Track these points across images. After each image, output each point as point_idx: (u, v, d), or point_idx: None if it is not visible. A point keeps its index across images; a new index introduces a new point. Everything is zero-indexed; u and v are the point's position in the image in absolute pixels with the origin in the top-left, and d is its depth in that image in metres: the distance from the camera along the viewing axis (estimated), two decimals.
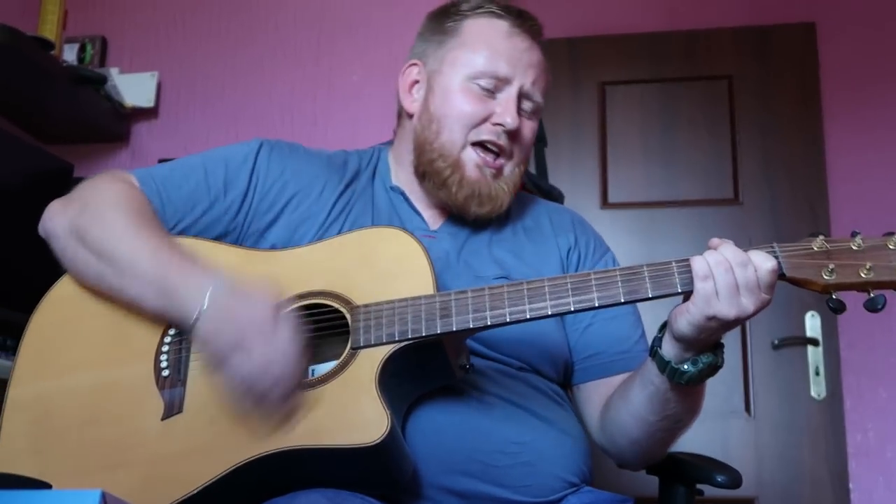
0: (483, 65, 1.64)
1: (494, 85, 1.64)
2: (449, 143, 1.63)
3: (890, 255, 1.32)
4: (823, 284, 1.33)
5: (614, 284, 1.36)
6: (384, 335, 1.38)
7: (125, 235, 1.46)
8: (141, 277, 1.43)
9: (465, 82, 1.65)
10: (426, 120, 1.67)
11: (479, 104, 1.64)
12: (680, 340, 1.38)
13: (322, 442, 1.31)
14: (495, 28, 1.68)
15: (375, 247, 1.48)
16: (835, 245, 1.34)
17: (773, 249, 1.35)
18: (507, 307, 1.37)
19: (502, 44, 1.66)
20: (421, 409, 1.45)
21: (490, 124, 1.63)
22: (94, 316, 1.50)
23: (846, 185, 3.33)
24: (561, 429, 1.57)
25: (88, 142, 3.10)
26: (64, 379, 1.47)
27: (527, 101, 1.68)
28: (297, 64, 3.11)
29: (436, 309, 1.38)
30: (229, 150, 1.68)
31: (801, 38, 3.46)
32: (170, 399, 1.41)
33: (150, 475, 1.36)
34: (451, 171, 1.63)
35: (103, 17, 3.21)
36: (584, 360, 1.66)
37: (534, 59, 1.69)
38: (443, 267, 1.50)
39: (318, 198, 1.64)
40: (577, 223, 1.80)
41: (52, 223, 1.53)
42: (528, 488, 1.48)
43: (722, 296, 1.31)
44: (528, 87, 1.67)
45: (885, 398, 3.20)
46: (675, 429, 1.54)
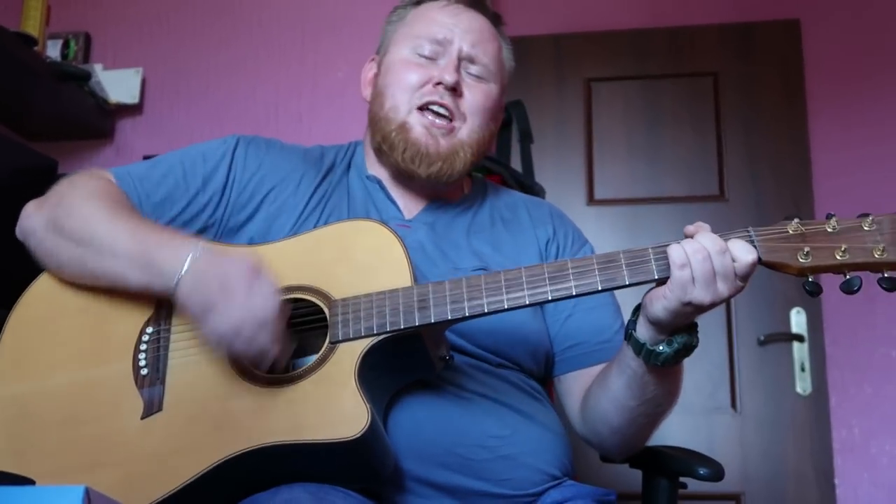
0: (420, 34, 1.69)
1: (434, 51, 1.68)
2: (393, 110, 1.66)
3: (864, 236, 1.32)
4: (799, 267, 1.33)
5: (591, 272, 1.36)
6: (363, 328, 1.38)
7: (102, 219, 1.47)
8: (122, 255, 1.43)
9: (407, 55, 1.70)
10: (375, 96, 1.72)
11: (419, 69, 1.67)
12: (654, 323, 1.38)
13: (303, 437, 1.31)
14: (430, 7, 1.74)
15: (352, 240, 1.48)
16: (810, 228, 1.34)
17: (748, 234, 1.35)
18: (485, 297, 1.37)
19: (437, 13, 1.72)
20: (401, 404, 1.45)
21: (430, 85, 1.65)
22: (72, 314, 1.50)
23: (831, 181, 3.34)
24: (540, 423, 1.57)
25: (72, 138, 3.08)
26: (42, 378, 1.47)
27: (472, 65, 1.70)
28: (281, 61, 3.10)
29: (413, 301, 1.38)
30: (207, 146, 1.69)
31: (785, 34, 3.48)
32: (149, 398, 1.41)
33: (130, 474, 1.36)
34: (397, 132, 1.65)
35: (87, 12, 3.20)
36: (564, 350, 1.67)
37: (473, 25, 1.72)
38: (419, 257, 1.50)
39: (294, 191, 1.65)
40: (555, 215, 1.80)
41: (28, 221, 1.54)
42: (508, 481, 1.48)
43: (699, 283, 1.31)
44: (469, 50, 1.69)
45: (870, 394, 3.21)
46: (656, 414, 1.54)
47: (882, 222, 1.32)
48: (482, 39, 1.71)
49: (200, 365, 1.42)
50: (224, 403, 1.38)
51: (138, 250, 1.42)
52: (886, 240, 1.31)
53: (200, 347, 1.42)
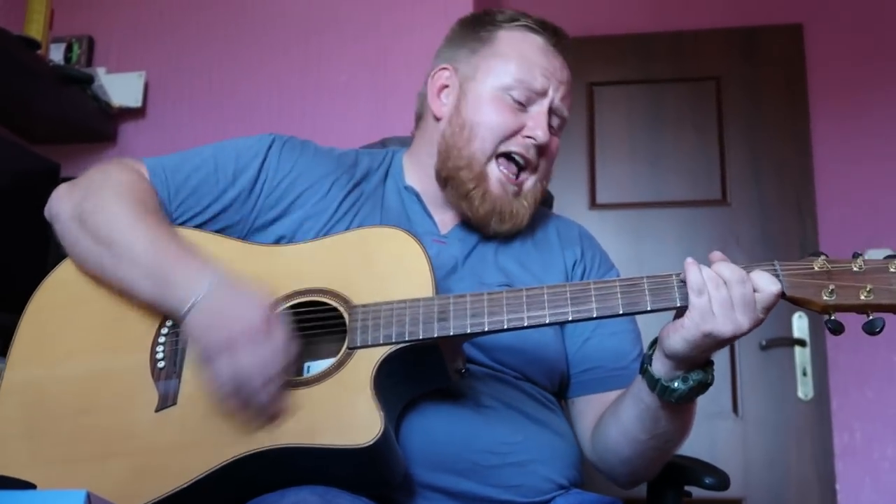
0: (518, 77, 1.65)
1: (527, 98, 1.64)
2: (479, 152, 1.63)
3: (890, 278, 1.31)
4: (823, 305, 1.32)
5: (613, 296, 1.36)
6: (381, 336, 1.38)
7: (125, 222, 1.47)
8: (137, 264, 1.43)
9: (498, 92, 1.65)
10: (457, 125, 1.66)
11: (511, 115, 1.64)
12: (671, 358, 1.37)
13: (315, 441, 1.31)
14: (531, 42, 1.69)
15: (376, 246, 1.48)
16: (836, 266, 1.33)
17: (773, 268, 1.34)
18: (506, 314, 1.37)
19: (538, 58, 1.67)
20: (412, 409, 1.45)
21: (521, 137, 1.63)
22: (93, 302, 1.50)
23: (833, 186, 3.34)
24: (553, 431, 1.57)
25: (75, 142, 3.08)
26: (59, 365, 1.47)
27: (555, 117, 1.68)
28: (284, 63, 3.10)
29: (434, 312, 1.38)
30: (242, 142, 1.68)
31: (788, 39, 3.48)
32: (164, 391, 1.41)
33: (141, 466, 1.36)
34: (475, 184, 1.62)
35: (90, 16, 3.20)
36: (580, 373, 1.66)
37: (565, 77, 1.70)
38: (449, 272, 1.50)
39: (325, 195, 1.64)
40: (584, 237, 1.80)
41: (56, 206, 1.54)
42: (517, 488, 1.48)
43: (717, 312, 1.30)
44: (558, 103, 1.68)
45: (872, 399, 3.21)
46: (666, 448, 1.53)
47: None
48: (568, 93, 1.71)
49: None
50: None
51: (155, 263, 1.42)
52: None
53: None
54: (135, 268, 1.43)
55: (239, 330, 1.32)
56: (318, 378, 1.37)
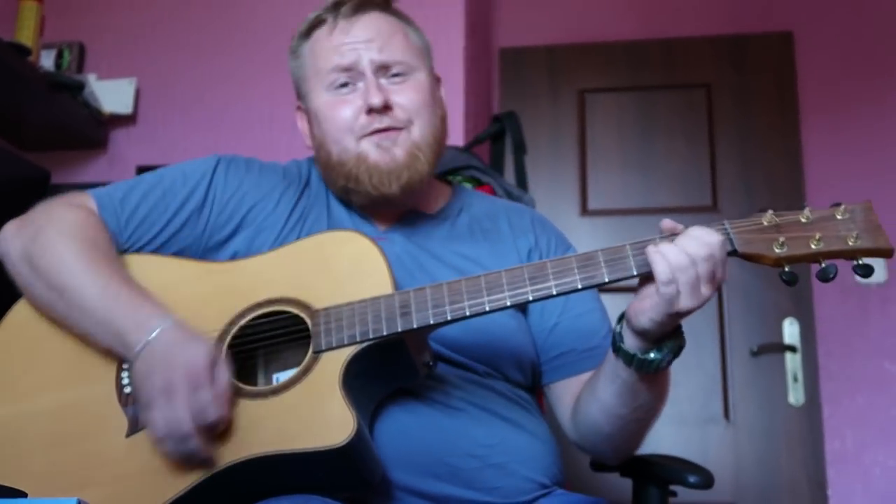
0: (327, 69, 1.65)
1: (349, 77, 1.64)
2: (343, 153, 1.62)
3: (838, 224, 1.34)
4: (775, 258, 1.34)
5: (570, 271, 1.36)
6: (345, 336, 1.38)
7: (75, 268, 1.47)
8: (88, 313, 1.44)
9: (326, 96, 1.65)
10: (318, 149, 1.68)
11: (346, 105, 1.63)
12: (641, 334, 1.38)
13: (290, 447, 1.31)
14: (322, 33, 1.69)
15: (332, 250, 1.48)
16: (784, 218, 1.35)
17: (723, 227, 1.36)
18: (466, 300, 1.37)
19: (331, 42, 1.66)
20: (388, 413, 1.45)
21: (364, 115, 1.62)
22: (53, 337, 1.50)
23: (824, 193, 3.34)
24: (528, 431, 1.57)
25: (66, 149, 3.07)
26: (27, 402, 1.46)
27: (389, 69, 1.65)
28: (275, 70, 3.09)
29: (395, 307, 1.38)
30: (188, 165, 1.69)
31: (778, 47, 3.49)
32: (133, 415, 1.41)
33: (117, 493, 1.36)
34: (358, 166, 1.61)
35: (81, 23, 3.19)
36: (553, 359, 1.66)
37: (370, 31, 1.66)
38: (396, 270, 1.48)
39: (274, 208, 1.65)
40: (536, 223, 1.78)
41: (5, 245, 1.54)
42: (498, 490, 1.47)
43: (684, 294, 1.31)
44: (378, 57, 1.64)
45: (863, 405, 3.21)
46: (647, 418, 1.54)
47: (854, 210, 1.35)
48: (386, 39, 1.66)
49: None
50: None
51: (105, 312, 1.42)
52: (859, 227, 1.34)
53: None
54: (86, 316, 1.44)
55: (179, 374, 1.32)
56: (286, 385, 1.37)
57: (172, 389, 1.32)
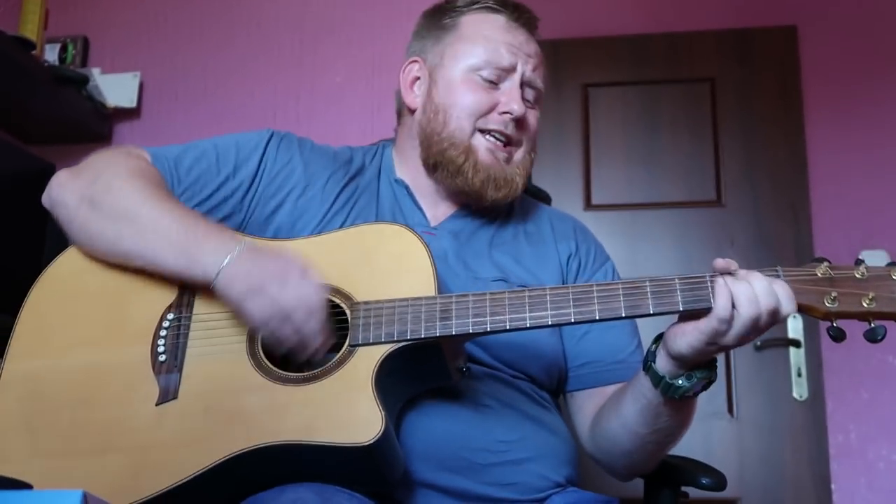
0: (484, 56, 1.66)
1: (497, 75, 1.66)
2: (458, 131, 1.64)
3: (892, 285, 1.31)
4: (825, 312, 1.32)
5: (616, 298, 1.35)
6: (383, 334, 1.38)
7: (147, 199, 1.48)
8: (164, 236, 1.44)
9: (467, 73, 1.67)
10: (431, 112, 1.68)
11: (483, 94, 1.65)
12: (676, 358, 1.37)
13: (315, 438, 1.31)
14: (493, 22, 1.70)
15: (377, 243, 1.48)
16: (838, 272, 1.33)
17: (777, 273, 1.33)
18: (508, 314, 1.37)
19: (501, 35, 1.68)
20: (412, 407, 1.45)
21: (496, 114, 1.65)
22: (94, 295, 1.50)
23: (828, 187, 3.34)
24: (549, 429, 1.57)
25: (70, 142, 3.08)
26: (59, 357, 1.46)
27: (529, 90, 1.69)
28: (279, 64, 3.10)
29: (436, 311, 1.38)
30: (241, 136, 1.70)
31: (782, 41, 3.48)
32: (165, 385, 1.40)
33: (140, 461, 1.35)
34: (465, 157, 1.64)
35: (85, 17, 3.20)
36: (578, 367, 1.66)
37: (532, 49, 1.71)
38: (440, 265, 1.49)
39: (321, 189, 1.65)
40: (578, 230, 1.80)
41: (59, 193, 1.53)
42: (513, 486, 1.48)
43: (733, 335, 1.31)
44: (530, 75, 1.69)
45: (867, 399, 3.21)
46: (666, 442, 1.54)
47: None
48: (539, 64, 1.71)
49: (219, 356, 1.42)
50: (239, 397, 1.37)
51: (183, 235, 1.43)
52: None
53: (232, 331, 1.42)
54: (161, 240, 1.44)
55: (281, 268, 1.36)
56: (318, 375, 1.37)
57: (283, 274, 1.36)
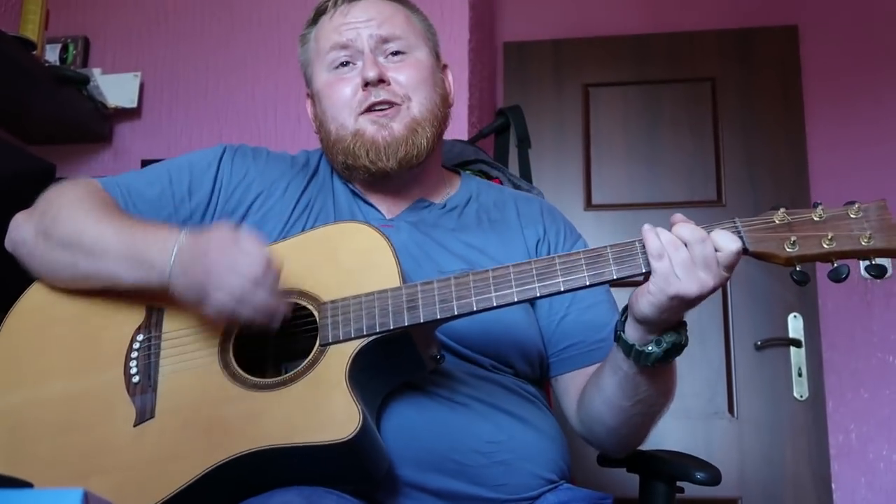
0: (326, 47, 1.68)
1: (348, 56, 1.67)
2: (341, 128, 1.65)
3: (851, 224, 1.31)
4: (786, 257, 1.32)
5: (579, 268, 1.36)
6: (352, 330, 1.38)
7: (89, 221, 1.49)
8: (111, 254, 1.45)
9: (326, 76, 1.69)
10: (321, 123, 1.70)
11: (343, 83, 1.66)
12: (642, 322, 1.37)
13: (295, 440, 1.31)
14: (326, 20, 1.72)
15: (339, 242, 1.48)
16: (796, 217, 1.33)
17: (735, 225, 1.34)
18: (474, 296, 1.37)
19: (333, 24, 1.70)
20: (396, 409, 1.45)
21: (361, 91, 1.64)
22: (64, 323, 1.51)
23: (828, 186, 3.34)
24: (537, 427, 1.56)
25: (71, 142, 3.08)
26: (35, 388, 1.47)
27: (387, 45, 1.68)
28: (280, 63, 3.10)
29: (402, 301, 1.38)
30: (194, 155, 1.71)
31: (783, 40, 3.48)
32: (141, 405, 1.41)
33: (123, 481, 1.36)
34: (355, 142, 1.63)
35: (85, 17, 3.20)
36: (560, 351, 1.66)
37: (369, 12, 1.69)
38: (403, 259, 1.48)
39: (280, 197, 1.66)
40: (546, 212, 1.78)
41: (17, 232, 1.56)
42: (504, 486, 1.47)
43: (679, 273, 1.30)
44: (377, 33, 1.67)
45: (867, 399, 3.22)
46: (651, 413, 1.53)
47: (868, 209, 1.32)
48: (384, 18, 1.69)
49: (192, 371, 1.42)
50: (216, 408, 1.38)
51: (127, 248, 1.44)
52: (873, 227, 1.31)
53: (202, 344, 1.43)
54: (110, 259, 1.45)
55: (209, 258, 1.35)
56: (292, 378, 1.37)
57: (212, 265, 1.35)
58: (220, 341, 1.43)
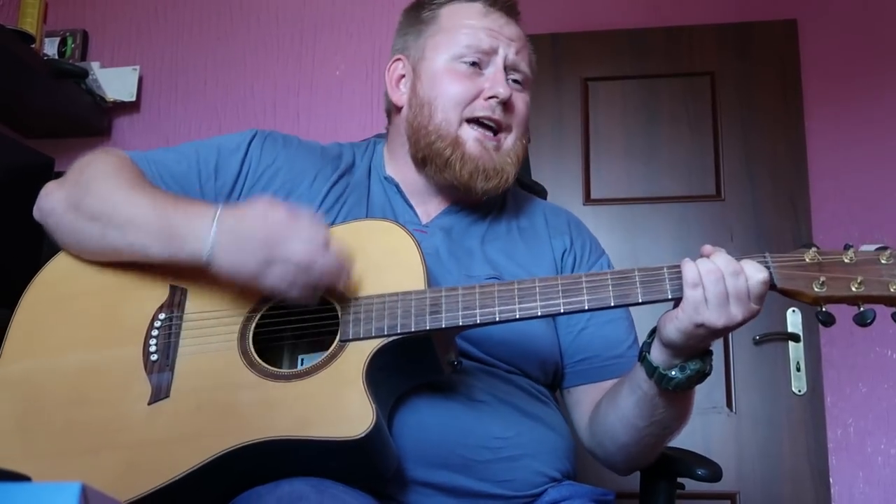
0: (465, 43, 1.66)
1: (479, 59, 1.65)
2: (445, 123, 1.63)
3: (881, 269, 1.31)
4: (814, 297, 1.32)
5: (605, 288, 1.36)
6: (373, 329, 1.38)
7: (121, 193, 1.47)
8: (144, 227, 1.43)
9: (449, 63, 1.66)
10: (416, 106, 1.67)
11: (467, 81, 1.64)
12: (668, 346, 1.37)
13: (307, 434, 1.31)
14: (469, 9, 1.70)
15: (367, 239, 1.48)
16: (826, 258, 1.33)
17: (764, 259, 1.34)
18: (497, 306, 1.37)
19: (479, 21, 1.68)
20: (407, 404, 1.45)
21: (482, 100, 1.63)
22: (86, 296, 1.50)
23: (827, 181, 3.34)
24: (545, 424, 1.57)
25: (69, 136, 3.08)
26: (52, 359, 1.47)
27: (514, 73, 1.69)
28: (279, 58, 3.10)
29: (426, 305, 1.38)
30: (223, 137, 1.70)
31: (782, 34, 3.48)
32: (157, 383, 1.41)
33: (133, 459, 1.35)
34: (452, 149, 1.62)
35: (84, 10, 3.20)
36: (576, 363, 1.66)
37: (513, 33, 1.70)
38: (433, 263, 1.49)
39: (308, 187, 1.65)
40: (573, 225, 1.79)
41: (47, 201, 1.54)
42: (509, 482, 1.48)
43: (711, 304, 1.30)
44: (513, 58, 1.68)
45: (865, 393, 3.22)
46: (663, 435, 1.54)
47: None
48: (522, 48, 1.71)
49: (210, 354, 1.42)
50: (231, 394, 1.38)
51: (159, 221, 1.42)
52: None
53: (222, 329, 1.43)
54: (142, 231, 1.43)
55: (268, 227, 1.35)
56: (309, 371, 1.37)
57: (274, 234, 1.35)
58: (241, 327, 1.43)
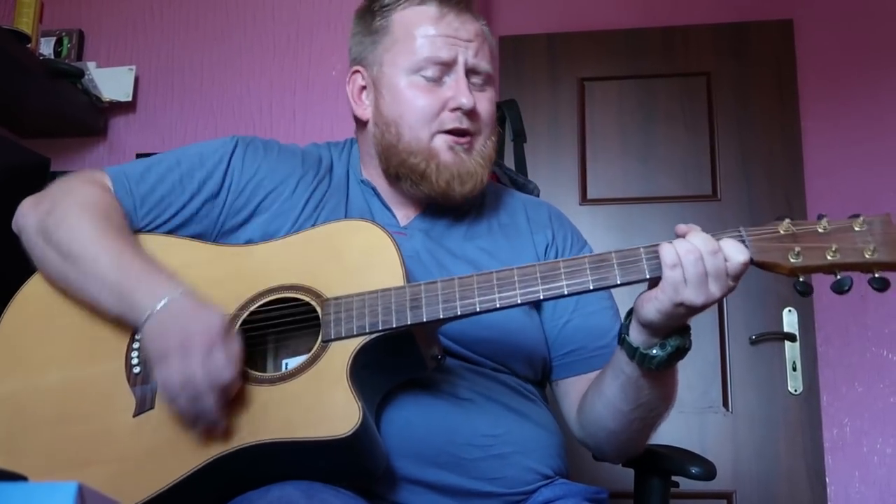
0: (422, 55, 1.62)
1: (440, 71, 1.62)
2: (415, 141, 1.61)
3: (855, 236, 1.32)
4: (790, 267, 1.33)
5: (583, 272, 1.36)
6: (355, 327, 1.38)
7: (89, 237, 1.47)
8: (100, 280, 1.44)
9: (409, 77, 1.63)
10: (383, 125, 1.65)
11: (430, 95, 1.62)
12: (647, 326, 1.38)
13: (295, 435, 1.31)
14: (423, 15, 1.65)
15: (345, 239, 1.48)
16: (801, 228, 1.34)
17: (740, 234, 1.35)
18: (477, 296, 1.37)
19: (435, 28, 1.64)
20: (394, 403, 1.45)
21: (448, 112, 1.61)
22: (66, 313, 1.50)
23: (823, 181, 3.35)
24: (534, 422, 1.57)
25: (66, 136, 3.07)
26: (36, 376, 1.47)
27: (475, 76, 1.65)
28: (275, 58, 3.10)
29: (406, 300, 1.38)
30: (205, 147, 1.68)
31: (778, 34, 3.48)
32: (141, 395, 1.41)
33: (121, 471, 1.36)
34: (427, 161, 1.61)
35: (80, 10, 3.19)
36: (563, 356, 1.66)
37: (470, 32, 1.66)
38: (414, 265, 1.49)
39: (291, 195, 1.64)
40: (554, 218, 1.78)
41: (22, 220, 1.55)
42: (500, 480, 1.48)
43: (690, 283, 1.31)
44: (472, 61, 1.64)
45: (862, 393, 3.22)
46: (651, 418, 1.54)
47: (873, 223, 1.33)
48: (480, 46, 1.66)
49: None
50: None
51: (117, 280, 1.43)
52: (877, 240, 1.31)
53: None
54: (99, 283, 1.44)
55: (197, 333, 1.33)
56: (293, 373, 1.38)
57: (189, 345, 1.32)
58: None
